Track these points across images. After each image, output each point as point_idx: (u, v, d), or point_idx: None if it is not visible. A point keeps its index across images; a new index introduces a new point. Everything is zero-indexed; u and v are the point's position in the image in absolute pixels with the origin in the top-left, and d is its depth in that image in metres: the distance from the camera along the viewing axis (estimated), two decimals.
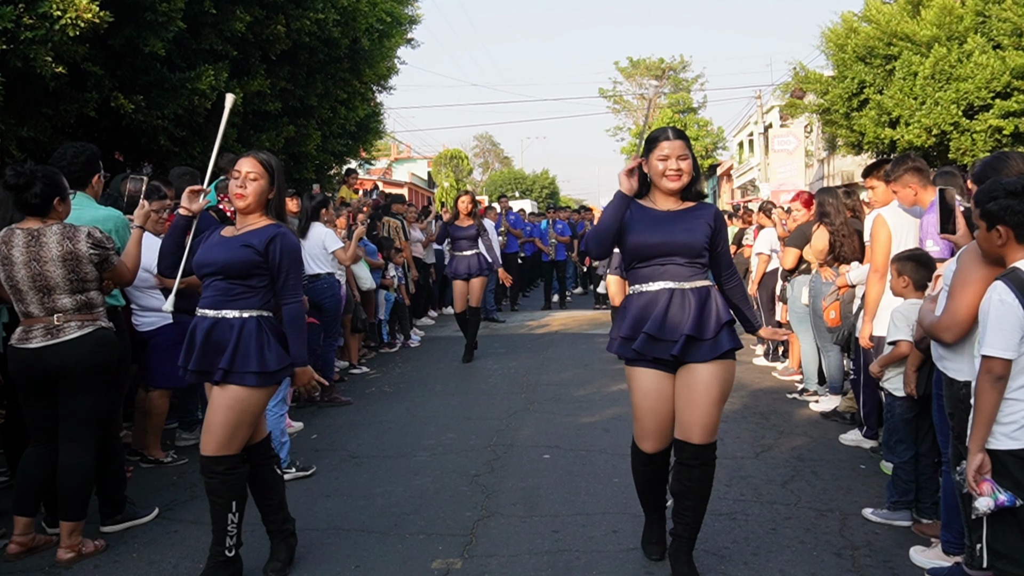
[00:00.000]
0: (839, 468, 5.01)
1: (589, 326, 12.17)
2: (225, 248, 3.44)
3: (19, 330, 3.78)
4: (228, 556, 3.43)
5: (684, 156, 3.33)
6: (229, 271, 3.40)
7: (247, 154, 3.57)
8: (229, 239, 3.48)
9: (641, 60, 50.13)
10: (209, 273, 3.44)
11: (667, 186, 3.34)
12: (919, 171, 4.57)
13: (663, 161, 3.33)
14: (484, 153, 62.69)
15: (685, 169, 3.33)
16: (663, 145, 3.33)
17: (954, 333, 3.02)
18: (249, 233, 3.48)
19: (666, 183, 3.33)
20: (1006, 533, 2.73)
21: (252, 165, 3.50)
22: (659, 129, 3.42)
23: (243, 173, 3.49)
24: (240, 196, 3.49)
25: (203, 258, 3.48)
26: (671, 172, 3.32)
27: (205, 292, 3.47)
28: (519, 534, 4.02)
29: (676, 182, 3.33)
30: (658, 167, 3.34)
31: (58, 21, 5.71)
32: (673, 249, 3.28)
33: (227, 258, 3.41)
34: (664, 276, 3.30)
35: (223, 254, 3.42)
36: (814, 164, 28.89)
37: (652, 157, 3.36)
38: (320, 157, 11.18)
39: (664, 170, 3.32)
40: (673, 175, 3.32)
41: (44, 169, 3.81)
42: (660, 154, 3.33)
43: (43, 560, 3.79)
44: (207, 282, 3.47)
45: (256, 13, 8.36)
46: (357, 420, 6.52)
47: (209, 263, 3.44)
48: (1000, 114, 13.55)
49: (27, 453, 3.87)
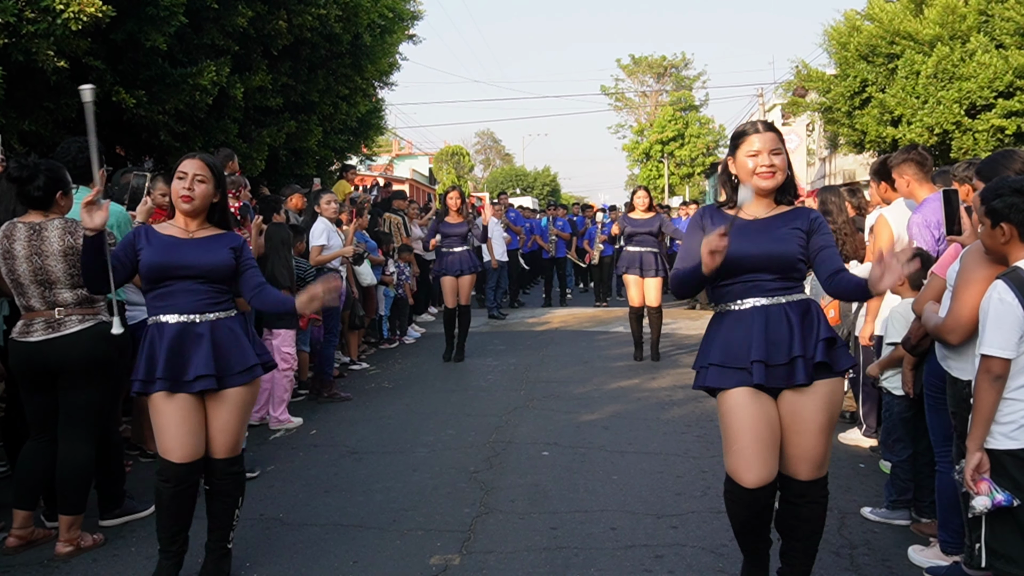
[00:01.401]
0: (838, 467, 4.99)
1: (589, 323, 12.17)
2: (197, 251, 3.31)
3: (20, 324, 3.78)
4: (229, 548, 3.48)
5: (778, 151, 2.94)
6: (212, 275, 3.31)
7: (191, 156, 3.40)
8: (190, 241, 3.34)
9: (643, 57, 50.18)
10: (183, 276, 3.29)
11: (760, 185, 2.92)
12: (919, 164, 4.53)
13: (753, 157, 2.93)
14: (485, 150, 62.75)
15: (779, 165, 2.93)
16: (752, 139, 2.94)
17: (959, 335, 3.00)
18: (213, 238, 3.40)
19: (758, 182, 2.92)
20: (1005, 533, 2.72)
21: (199, 167, 3.33)
22: (747, 123, 3.05)
23: (189, 174, 3.31)
24: (187, 199, 3.30)
25: (169, 261, 3.27)
26: (763, 169, 2.92)
27: (170, 299, 3.28)
28: (517, 531, 4.03)
29: (770, 180, 2.92)
30: (747, 164, 2.94)
31: (60, 15, 5.72)
32: (761, 263, 2.88)
33: (211, 262, 3.31)
34: (755, 292, 2.89)
35: (203, 257, 3.30)
36: (816, 163, 28.89)
37: (739, 153, 2.97)
38: (321, 153, 11.19)
39: (755, 167, 2.93)
40: (766, 172, 2.92)
41: (47, 163, 3.82)
42: (749, 150, 2.94)
43: (42, 554, 3.79)
44: (173, 286, 3.28)
45: (258, 8, 8.36)
46: (356, 416, 6.52)
47: (187, 266, 3.28)
48: (1002, 113, 13.55)
49: (27, 447, 3.87)
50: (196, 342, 3.26)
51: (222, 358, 3.29)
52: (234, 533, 3.49)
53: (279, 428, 6.10)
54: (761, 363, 2.82)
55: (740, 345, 2.87)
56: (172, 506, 3.29)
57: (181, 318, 3.28)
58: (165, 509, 3.30)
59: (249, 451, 5.51)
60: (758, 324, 2.86)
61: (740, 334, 2.88)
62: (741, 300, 2.91)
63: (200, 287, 3.30)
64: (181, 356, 3.25)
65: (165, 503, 3.29)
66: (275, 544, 3.91)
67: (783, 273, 2.91)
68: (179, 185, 3.32)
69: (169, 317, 3.27)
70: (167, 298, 3.29)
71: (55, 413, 3.78)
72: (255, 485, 4.80)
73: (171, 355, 3.23)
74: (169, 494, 3.27)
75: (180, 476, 3.26)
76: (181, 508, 3.31)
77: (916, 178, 4.52)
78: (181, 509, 3.31)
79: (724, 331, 2.94)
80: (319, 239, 7.13)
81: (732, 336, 2.90)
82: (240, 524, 4.12)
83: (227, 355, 3.30)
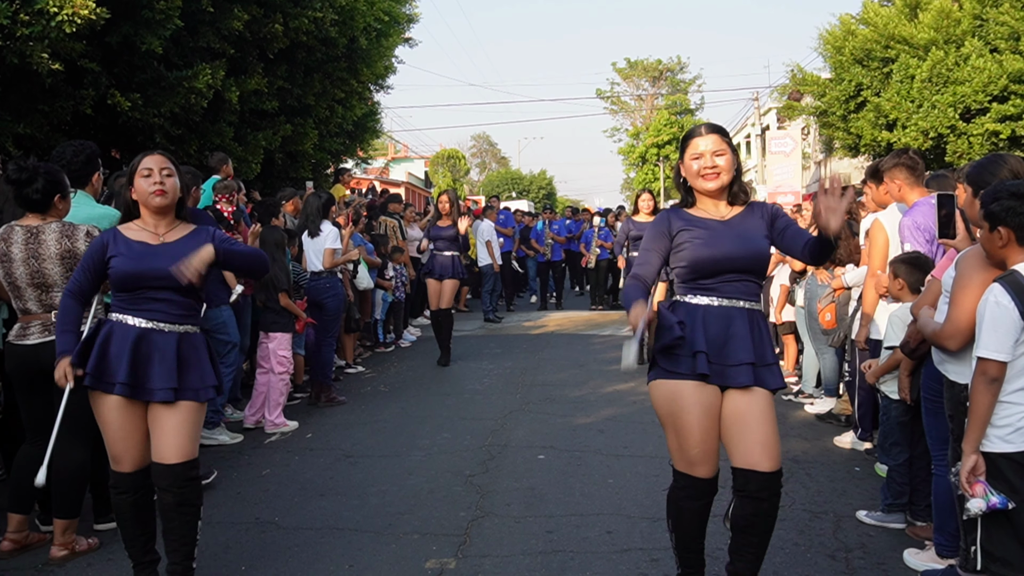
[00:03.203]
0: (833, 470, 5.01)
1: (585, 327, 12.18)
2: (173, 259, 3.14)
3: (17, 327, 3.78)
4: (193, 568, 3.24)
5: (720, 152, 2.99)
6: (191, 285, 3.17)
7: (151, 152, 3.30)
8: (164, 247, 3.22)
9: (639, 61, 50.27)
10: (159, 287, 3.16)
11: (704, 186, 3.00)
12: (910, 168, 4.54)
13: (697, 160, 3.01)
14: (481, 153, 62.77)
15: (723, 166, 2.99)
16: (695, 143, 3.03)
17: (958, 341, 3.00)
18: (186, 239, 3.27)
19: (702, 183, 3.00)
20: (1000, 536, 2.73)
21: (163, 161, 3.25)
22: (693, 127, 3.15)
23: (155, 169, 3.22)
24: (160, 192, 3.20)
25: (144, 269, 3.15)
26: (707, 171, 2.99)
27: (143, 304, 3.17)
28: (513, 534, 4.02)
29: (714, 181, 2.98)
30: (692, 167, 3.03)
31: (54, 18, 5.71)
32: (741, 264, 2.96)
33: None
34: (730, 293, 2.96)
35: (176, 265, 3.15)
36: (811, 166, 28.96)
37: (686, 157, 3.05)
38: (317, 156, 11.20)
39: (699, 169, 3.00)
40: (709, 173, 2.98)
41: (46, 166, 3.81)
42: (694, 152, 3.02)
43: (36, 558, 3.78)
44: (147, 295, 3.17)
45: (254, 12, 8.36)
46: (352, 419, 6.51)
47: (164, 276, 3.13)
48: (997, 118, 13.61)
49: (22, 450, 3.86)
50: (162, 351, 3.15)
51: (184, 373, 3.18)
52: (198, 550, 3.28)
53: (275, 431, 6.09)
54: (704, 354, 2.89)
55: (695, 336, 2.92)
56: (137, 516, 3.24)
57: (148, 324, 3.17)
58: (130, 520, 3.23)
59: (245, 454, 5.52)
60: (720, 322, 2.93)
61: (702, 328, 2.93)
62: (711, 296, 2.97)
63: (174, 297, 3.19)
64: (146, 363, 3.13)
65: (129, 514, 3.22)
66: (270, 548, 3.90)
67: (752, 272, 3.00)
68: (147, 182, 3.20)
69: (137, 320, 3.16)
70: (138, 302, 3.18)
71: (51, 417, 3.76)
72: (250, 488, 4.80)
73: (134, 359, 3.12)
74: (130, 503, 3.21)
75: (137, 484, 3.21)
76: (146, 516, 3.27)
77: (907, 182, 4.53)
78: (147, 517, 3.27)
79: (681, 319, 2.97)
80: (333, 242, 7.13)
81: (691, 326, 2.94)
82: (235, 528, 4.13)
83: (188, 371, 3.20)
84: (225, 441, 5.76)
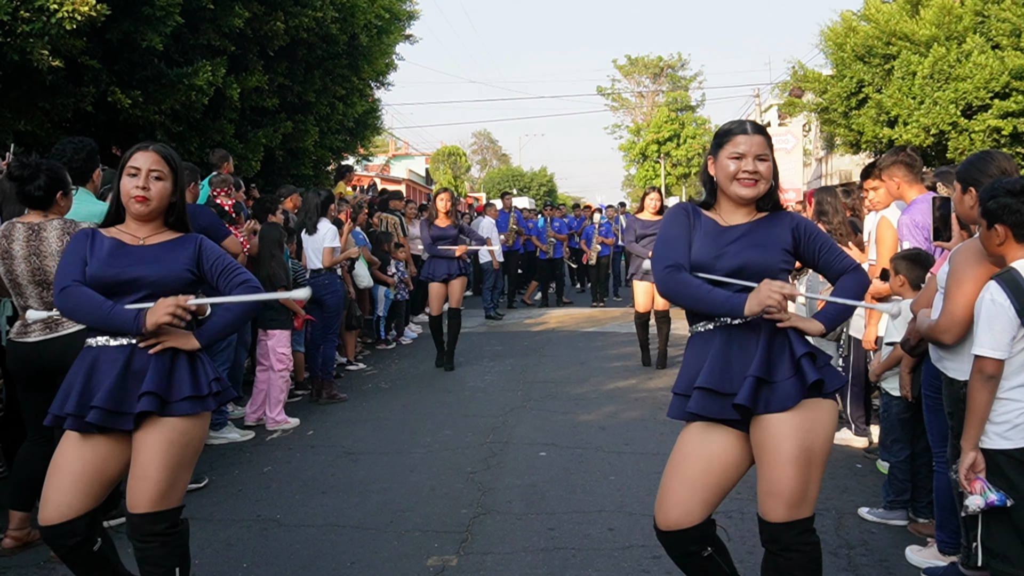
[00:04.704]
0: (835, 467, 5.01)
1: (587, 324, 12.17)
2: (145, 261, 2.74)
3: (18, 324, 3.78)
4: None
5: (764, 157, 2.59)
6: (163, 290, 2.69)
7: (144, 147, 2.82)
8: (139, 249, 2.77)
9: (640, 58, 50.18)
10: (129, 292, 2.70)
11: (739, 193, 2.59)
12: (908, 166, 4.53)
13: (736, 160, 2.59)
14: (482, 150, 62.72)
15: (764, 173, 2.58)
16: (738, 140, 2.60)
17: (953, 334, 3.01)
18: (166, 244, 2.82)
19: (738, 189, 2.59)
20: (1001, 532, 2.73)
21: (155, 161, 2.77)
22: (734, 121, 2.72)
23: (143, 170, 2.75)
24: (141, 199, 2.73)
25: (113, 274, 2.69)
26: (745, 176, 2.58)
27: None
28: (515, 531, 4.02)
29: (751, 189, 2.58)
30: (729, 168, 2.60)
31: (55, 15, 5.70)
32: (740, 274, 2.54)
33: (159, 274, 2.73)
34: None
35: (152, 270, 2.72)
36: (812, 163, 28.96)
37: (722, 155, 2.63)
38: (318, 153, 11.19)
39: (736, 172, 2.58)
40: (748, 180, 2.58)
41: (48, 162, 3.80)
42: (734, 151, 2.60)
43: (37, 555, 3.78)
44: (121, 300, 2.67)
45: (254, 9, 8.36)
46: (353, 416, 6.51)
47: (133, 279, 2.69)
48: (999, 114, 13.58)
49: (24, 448, 3.86)
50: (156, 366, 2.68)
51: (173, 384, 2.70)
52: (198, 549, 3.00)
53: (276, 429, 6.09)
54: (703, 390, 2.50)
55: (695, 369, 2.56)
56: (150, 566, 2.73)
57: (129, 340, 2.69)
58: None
59: (246, 451, 5.52)
60: (717, 345, 2.54)
61: (701, 358, 2.56)
62: (707, 321, 2.59)
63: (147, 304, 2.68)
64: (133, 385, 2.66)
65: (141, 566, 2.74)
66: (272, 545, 3.90)
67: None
68: (130, 183, 2.75)
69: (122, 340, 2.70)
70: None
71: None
72: (252, 485, 4.80)
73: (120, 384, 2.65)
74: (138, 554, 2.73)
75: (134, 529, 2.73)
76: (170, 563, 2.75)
77: (906, 180, 4.53)
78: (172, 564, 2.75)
79: (689, 356, 2.63)
80: (332, 241, 7.12)
81: (695, 361, 2.58)
82: (236, 525, 4.14)
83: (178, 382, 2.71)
84: (236, 439, 5.76)
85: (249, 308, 2.91)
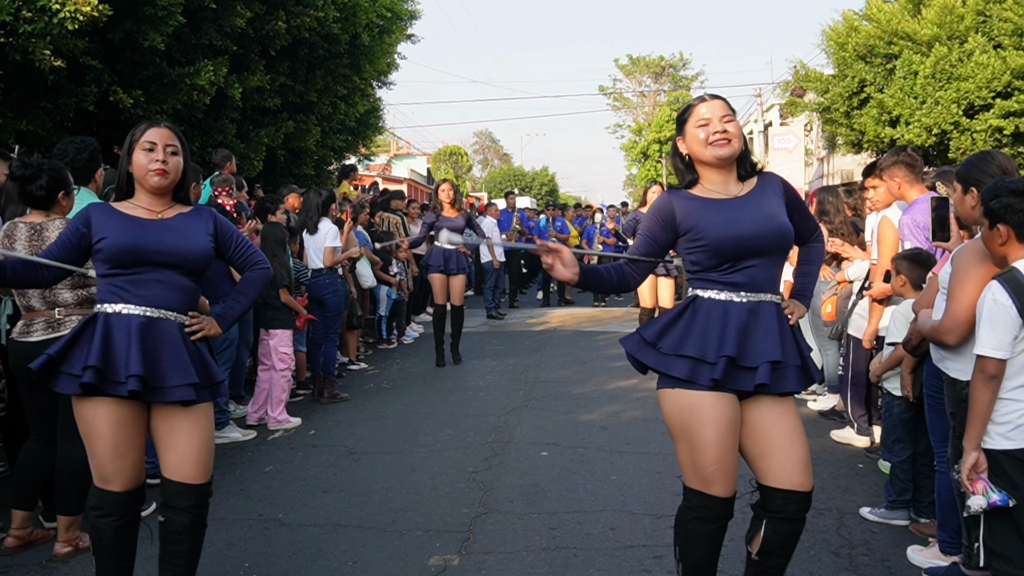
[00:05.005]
0: (837, 467, 5.01)
1: (588, 323, 12.17)
2: (171, 233, 2.85)
3: (20, 323, 3.78)
4: None
5: (728, 117, 2.69)
6: (190, 264, 2.86)
7: (155, 123, 2.95)
8: (160, 222, 2.87)
9: (641, 57, 50.20)
10: (158, 263, 2.80)
11: (717, 154, 2.66)
12: (909, 165, 4.53)
13: (704, 127, 2.68)
14: (484, 150, 62.74)
15: (733, 132, 2.66)
16: (699, 109, 2.71)
17: (956, 335, 3.00)
18: (183, 217, 2.93)
19: (714, 151, 2.66)
20: (1003, 533, 2.73)
21: (169, 136, 2.90)
22: (688, 102, 2.83)
23: (159, 144, 2.86)
24: (160, 171, 2.84)
25: (151, 243, 2.79)
26: (716, 136, 2.66)
27: (142, 288, 2.79)
28: (516, 531, 4.02)
29: (727, 147, 2.65)
30: (699, 135, 2.68)
31: (57, 14, 5.71)
32: (769, 244, 2.65)
33: (190, 249, 2.86)
34: (756, 287, 2.65)
35: (177, 241, 2.84)
36: (814, 163, 28.93)
37: (688, 128, 2.72)
38: (319, 153, 11.21)
39: (708, 136, 2.67)
40: (720, 139, 2.65)
41: (50, 162, 3.81)
42: (698, 120, 2.69)
43: (40, 554, 3.78)
44: (146, 274, 2.79)
45: (256, 9, 8.37)
46: (355, 416, 6.52)
47: (165, 251, 2.80)
48: (1000, 114, 13.58)
49: (26, 447, 3.87)
50: (171, 344, 2.79)
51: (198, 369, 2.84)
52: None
53: (278, 428, 6.10)
54: (730, 359, 2.58)
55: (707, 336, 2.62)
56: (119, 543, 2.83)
57: (150, 312, 2.78)
58: (111, 548, 2.81)
59: (248, 451, 5.52)
60: (738, 319, 2.62)
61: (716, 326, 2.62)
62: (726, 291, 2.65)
63: (176, 279, 2.83)
64: (156, 357, 2.76)
65: (110, 542, 2.81)
66: (274, 544, 3.91)
67: (780, 253, 2.71)
68: (148, 157, 2.84)
69: (141, 308, 2.78)
70: (137, 286, 2.79)
71: (55, 414, 3.77)
72: (254, 485, 4.80)
73: (144, 352, 2.73)
74: (114, 528, 2.80)
75: (126, 506, 2.82)
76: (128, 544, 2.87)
77: (907, 180, 4.52)
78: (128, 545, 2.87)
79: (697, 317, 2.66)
80: (333, 241, 7.13)
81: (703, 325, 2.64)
82: (238, 524, 4.14)
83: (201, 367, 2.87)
84: (238, 438, 5.77)
85: (256, 292, 3.09)
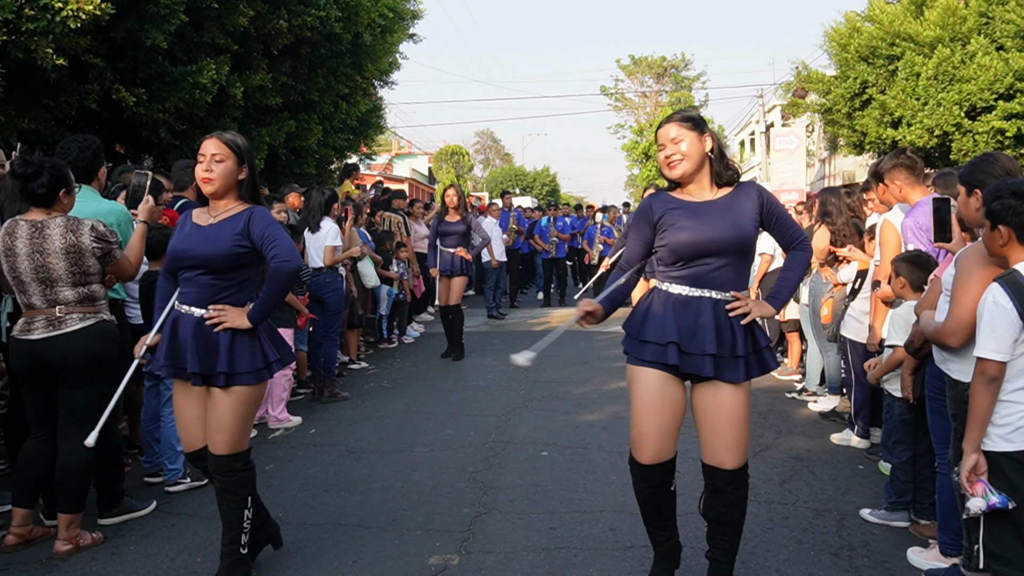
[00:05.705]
0: (837, 468, 5.01)
1: None
2: (204, 239, 3.25)
3: (21, 321, 3.78)
4: (243, 554, 3.36)
5: (678, 139, 3.03)
6: (213, 265, 3.24)
7: (210, 136, 3.35)
8: (205, 228, 3.29)
9: (643, 58, 50.13)
10: (190, 267, 3.26)
11: (668, 175, 3.09)
12: (910, 168, 4.52)
13: (661, 151, 3.09)
14: (485, 149, 62.74)
15: (686, 152, 3.02)
16: (659, 135, 3.11)
17: (959, 337, 3.00)
18: (225, 222, 3.29)
19: (666, 172, 3.09)
20: (1003, 535, 2.73)
21: (216, 146, 3.29)
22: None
23: (207, 156, 3.28)
24: (207, 180, 3.27)
25: (180, 249, 3.28)
26: (666, 160, 3.07)
27: (185, 287, 3.31)
28: (517, 531, 4.02)
29: (674, 169, 3.04)
30: (660, 158, 3.11)
31: (59, 13, 5.72)
32: (721, 247, 2.97)
33: (210, 252, 3.23)
34: (707, 283, 3.00)
35: (203, 246, 3.23)
36: (815, 164, 28.91)
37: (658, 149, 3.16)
38: (321, 152, 11.21)
39: (663, 160, 3.09)
40: (670, 163, 3.05)
41: (52, 160, 3.81)
42: (659, 143, 3.11)
43: (40, 552, 3.79)
44: (186, 275, 3.29)
45: (258, 7, 8.37)
46: (355, 415, 6.52)
47: (189, 256, 3.26)
48: (1003, 116, 13.56)
49: (26, 445, 3.87)
50: (184, 336, 3.26)
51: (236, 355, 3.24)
52: (246, 538, 3.35)
53: (278, 427, 6.10)
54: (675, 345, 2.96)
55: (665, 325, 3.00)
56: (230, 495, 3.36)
57: (193, 310, 3.27)
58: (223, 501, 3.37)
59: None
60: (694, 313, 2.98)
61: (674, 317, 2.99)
62: (690, 286, 3.01)
63: (205, 279, 3.26)
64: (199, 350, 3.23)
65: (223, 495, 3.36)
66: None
67: (735, 254, 3.00)
68: (199, 169, 3.30)
69: (192, 308, 3.28)
70: (186, 285, 3.31)
71: (55, 411, 3.78)
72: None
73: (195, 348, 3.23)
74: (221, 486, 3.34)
75: (218, 467, 3.31)
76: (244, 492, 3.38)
77: (908, 182, 4.51)
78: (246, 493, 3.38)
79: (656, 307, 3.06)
80: (334, 240, 7.14)
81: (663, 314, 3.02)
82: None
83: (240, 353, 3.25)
84: None
85: (276, 285, 3.26)
